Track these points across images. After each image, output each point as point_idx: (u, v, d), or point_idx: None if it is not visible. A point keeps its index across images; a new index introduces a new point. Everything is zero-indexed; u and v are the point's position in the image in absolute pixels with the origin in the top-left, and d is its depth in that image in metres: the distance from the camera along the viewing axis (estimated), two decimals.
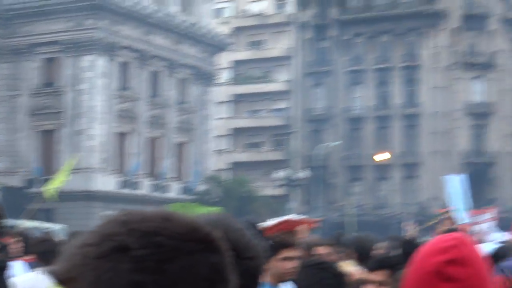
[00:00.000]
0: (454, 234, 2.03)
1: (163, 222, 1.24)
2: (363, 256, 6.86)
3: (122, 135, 60.01)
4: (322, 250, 7.30)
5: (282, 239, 5.64)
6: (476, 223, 29.45)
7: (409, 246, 7.21)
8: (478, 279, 1.95)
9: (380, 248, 9.52)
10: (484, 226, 28.41)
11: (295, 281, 5.46)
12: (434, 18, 73.53)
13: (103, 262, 1.21)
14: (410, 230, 26.05)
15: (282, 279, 5.47)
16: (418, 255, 2.04)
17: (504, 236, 31.72)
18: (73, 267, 1.24)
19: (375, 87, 75.36)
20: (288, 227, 7.04)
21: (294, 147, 76.48)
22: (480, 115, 72.51)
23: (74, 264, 1.24)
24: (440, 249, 1.98)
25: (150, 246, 1.22)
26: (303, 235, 7.50)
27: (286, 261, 5.45)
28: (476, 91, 73.21)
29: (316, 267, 4.14)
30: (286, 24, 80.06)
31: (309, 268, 4.44)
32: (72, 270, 1.24)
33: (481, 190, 66.84)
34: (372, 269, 5.46)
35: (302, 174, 70.16)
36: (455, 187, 25.60)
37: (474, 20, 73.09)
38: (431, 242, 2.05)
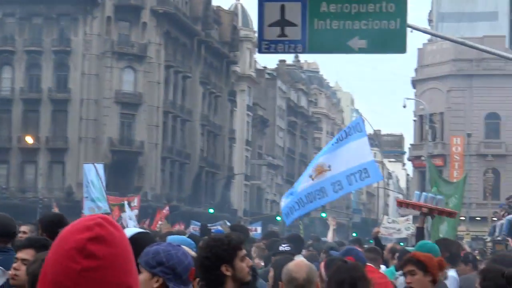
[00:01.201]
0: (98, 215, 2.06)
1: None
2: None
3: None
4: None
5: None
6: (120, 210, 30.06)
7: (50, 227, 7.21)
8: (119, 259, 1.98)
9: (24, 230, 9.38)
10: (128, 213, 29.04)
11: None
12: (88, 5, 73.21)
13: None
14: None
15: None
16: (63, 233, 2.04)
17: (145, 223, 32.65)
18: None
19: (25, 69, 73.70)
20: None
21: None
22: (129, 105, 73.55)
23: None
24: (84, 227, 1.99)
25: None
26: None
27: None
28: (126, 80, 74.15)
29: None
30: None
31: None
32: None
33: (127, 178, 68.07)
34: (19, 248, 5.74)
35: None
36: (94, 175, 25.81)
37: (127, 11, 73.95)
38: (77, 221, 2.07)
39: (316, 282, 5.12)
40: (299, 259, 7.63)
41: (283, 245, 9.49)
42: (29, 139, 67.27)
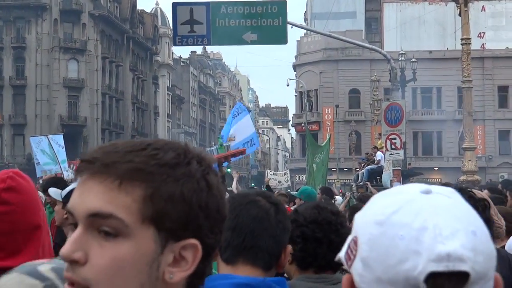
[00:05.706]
0: (11, 169, 2.04)
1: None
2: None
3: None
4: None
5: None
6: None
7: None
8: (27, 203, 1.97)
9: None
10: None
11: None
12: (39, 10, 71.57)
13: None
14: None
15: None
16: None
17: None
18: None
19: None
20: None
21: None
22: (74, 88, 72.37)
23: None
24: None
25: None
26: None
27: None
28: (72, 69, 72.81)
29: None
30: None
31: None
32: None
33: (75, 146, 66.80)
34: None
35: None
36: (46, 145, 25.04)
37: (70, 14, 72.51)
38: None
39: None
40: None
41: None
42: None
